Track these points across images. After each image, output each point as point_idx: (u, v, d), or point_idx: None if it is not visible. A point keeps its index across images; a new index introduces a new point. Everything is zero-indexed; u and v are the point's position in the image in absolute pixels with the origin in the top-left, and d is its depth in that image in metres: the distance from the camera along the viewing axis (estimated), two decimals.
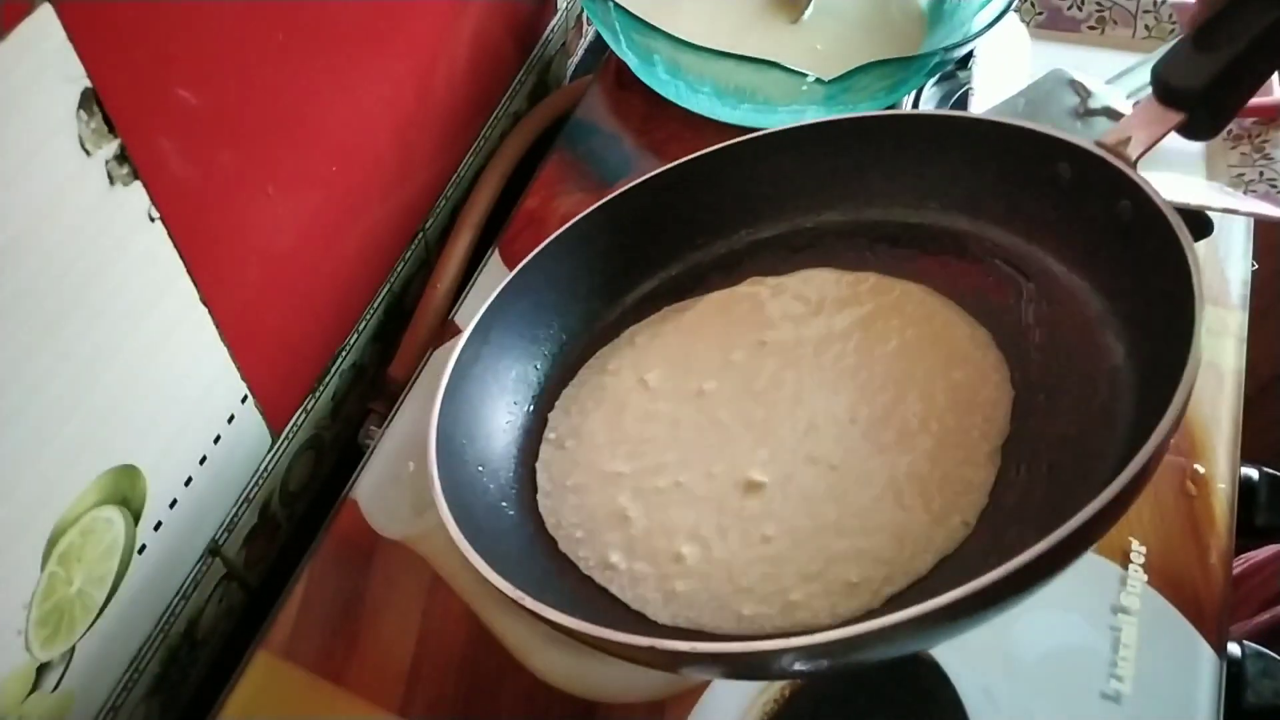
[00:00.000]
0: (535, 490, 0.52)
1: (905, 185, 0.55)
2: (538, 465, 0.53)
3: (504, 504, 0.51)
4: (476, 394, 0.53)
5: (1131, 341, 0.45)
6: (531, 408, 0.56)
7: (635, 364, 0.55)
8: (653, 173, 0.56)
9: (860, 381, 0.51)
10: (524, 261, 0.55)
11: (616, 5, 0.63)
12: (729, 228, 0.59)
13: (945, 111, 0.55)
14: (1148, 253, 0.43)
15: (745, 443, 0.50)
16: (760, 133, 0.56)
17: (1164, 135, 0.46)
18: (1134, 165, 0.45)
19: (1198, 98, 0.45)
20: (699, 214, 0.58)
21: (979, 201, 0.52)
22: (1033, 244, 0.50)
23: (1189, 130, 0.46)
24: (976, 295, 0.51)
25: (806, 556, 0.45)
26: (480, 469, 0.51)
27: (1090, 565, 0.56)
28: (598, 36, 0.91)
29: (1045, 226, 0.50)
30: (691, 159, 0.57)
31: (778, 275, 0.57)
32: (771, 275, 0.57)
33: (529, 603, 0.40)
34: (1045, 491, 0.43)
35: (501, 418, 0.54)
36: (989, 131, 0.51)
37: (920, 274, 0.53)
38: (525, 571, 0.46)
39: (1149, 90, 0.69)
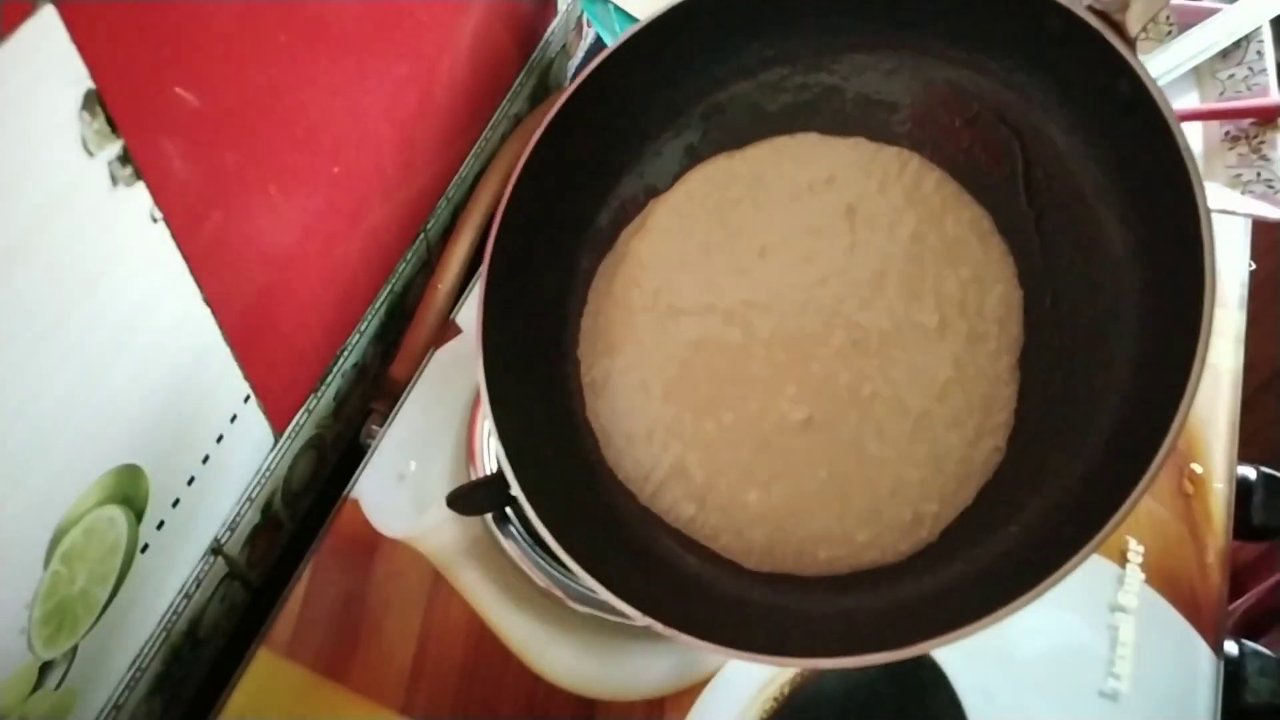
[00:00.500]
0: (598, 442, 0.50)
1: (880, 24, 0.48)
2: (589, 415, 0.50)
3: (580, 464, 0.49)
4: (516, 366, 0.49)
5: (1134, 231, 0.42)
6: (563, 348, 0.52)
7: (639, 280, 0.52)
8: (598, 59, 0.49)
9: (869, 283, 0.48)
10: (501, 211, 0.48)
11: (616, 7, 0.63)
12: (691, 100, 0.52)
13: None
14: (1145, 141, 0.40)
15: (778, 368, 0.48)
16: None
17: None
18: (1133, 44, 0.40)
19: None
20: (655, 91, 0.51)
21: (966, 43, 0.47)
22: (1022, 97, 0.46)
23: None
24: (969, 161, 0.48)
25: (862, 497, 0.45)
26: (548, 439, 0.49)
27: (1088, 564, 0.56)
28: (598, 38, 0.91)
29: (1038, 82, 0.45)
30: (626, 38, 0.49)
31: (755, 145, 0.52)
32: (748, 145, 0.52)
33: (667, 631, 0.40)
34: (1063, 408, 0.43)
35: (542, 370, 0.51)
36: None
37: (910, 135, 0.49)
38: (615, 543, 0.46)
39: None
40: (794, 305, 0.49)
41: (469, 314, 0.66)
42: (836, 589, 0.44)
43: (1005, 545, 0.42)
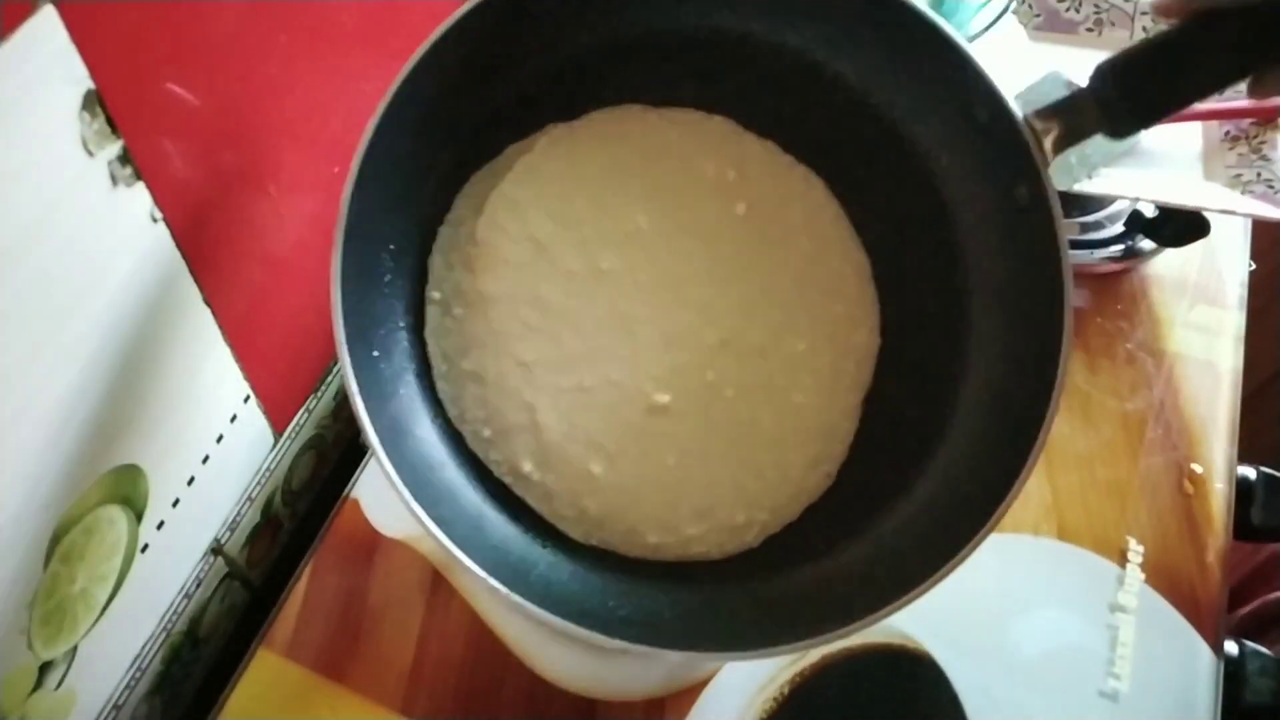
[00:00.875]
0: (430, 366, 0.48)
1: (833, 38, 0.47)
2: (427, 334, 0.48)
3: (402, 390, 0.46)
4: (365, 251, 0.45)
5: (995, 320, 0.45)
6: (414, 256, 0.48)
7: (515, 204, 0.49)
8: None
9: (751, 293, 0.49)
10: (393, 86, 0.43)
11: None
12: (614, 34, 0.48)
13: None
14: (1029, 252, 0.42)
15: (649, 346, 0.48)
16: None
17: (1085, 140, 0.43)
18: (1048, 162, 0.42)
19: (1131, 109, 0.42)
20: (585, 13, 0.48)
21: (894, 96, 0.47)
22: (926, 164, 0.47)
23: (1108, 133, 0.43)
24: (862, 202, 0.49)
25: (701, 492, 0.46)
26: (376, 353, 0.45)
27: (1088, 564, 0.57)
28: None
29: (947, 155, 0.46)
30: None
31: (670, 110, 0.50)
32: (663, 107, 0.50)
33: (487, 579, 0.39)
34: (888, 457, 0.46)
35: (383, 274, 0.47)
36: (927, 32, 0.44)
37: (819, 151, 0.50)
38: (438, 486, 0.45)
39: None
40: (672, 291, 0.48)
41: None
42: (654, 576, 0.45)
43: (819, 573, 0.44)
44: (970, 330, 0.45)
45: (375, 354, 0.45)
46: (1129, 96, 0.41)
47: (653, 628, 0.42)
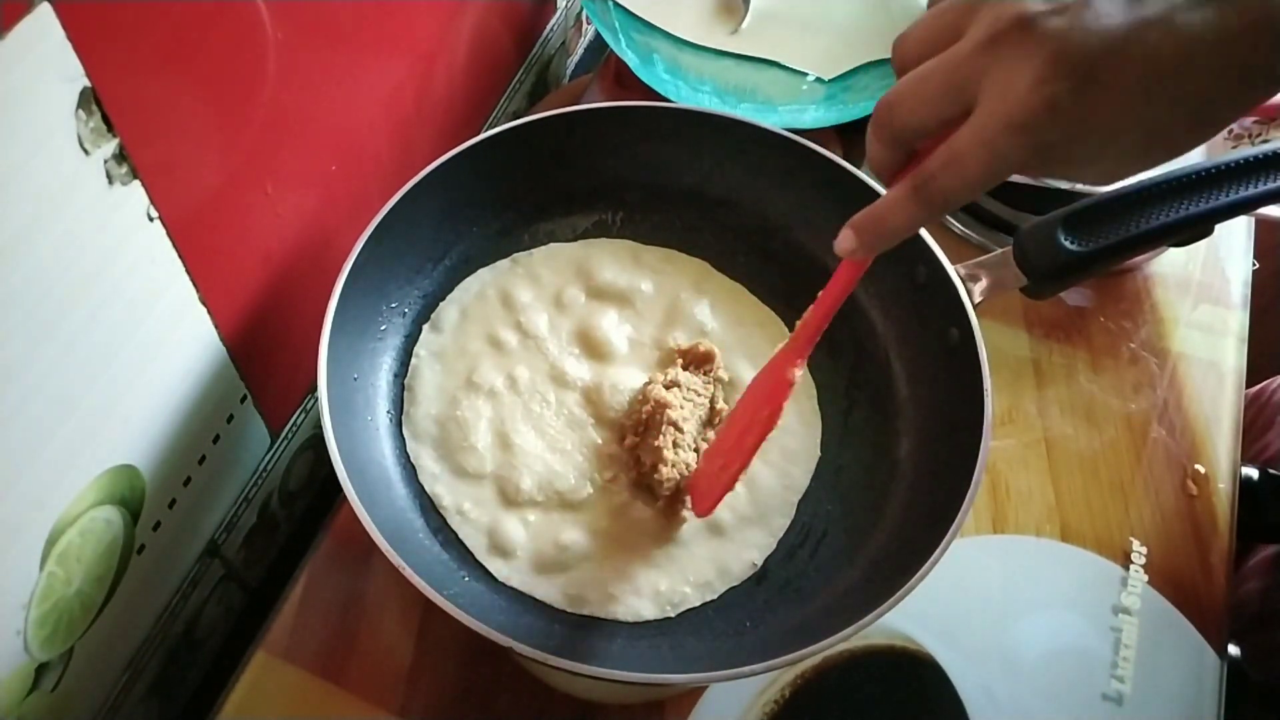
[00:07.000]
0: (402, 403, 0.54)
1: (798, 212, 0.58)
2: (406, 381, 0.55)
3: (369, 416, 0.52)
4: (367, 296, 0.53)
5: (917, 445, 0.52)
6: (412, 319, 0.57)
7: (509, 297, 0.57)
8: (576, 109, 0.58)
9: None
10: (433, 164, 0.55)
11: (616, 4, 0.63)
12: (622, 180, 0.60)
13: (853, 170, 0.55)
14: (958, 383, 0.49)
15: (594, 440, 0.53)
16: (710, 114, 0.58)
17: (1004, 292, 0.51)
18: (976, 306, 0.50)
19: (1046, 274, 0.49)
20: (596, 158, 0.59)
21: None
22: (869, 315, 0.56)
23: (1027, 292, 0.51)
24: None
25: (632, 560, 0.50)
26: (355, 378, 0.52)
27: (1091, 565, 0.56)
28: (597, 35, 0.91)
29: (887, 309, 0.56)
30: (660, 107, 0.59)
31: (656, 247, 0.60)
32: (652, 245, 0.60)
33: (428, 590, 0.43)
34: (811, 559, 0.51)
35: (379, 325, 0.55)
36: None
37: (778, 296, 0.59)
38: (394, 509, 0.49)
39: None
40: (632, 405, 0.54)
41: None
42: (571, 624, 0.49)
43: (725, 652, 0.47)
44: (891, 459, 0.52)
45: (355, 377, 0.52)
46: (1043, 261, 0.49)
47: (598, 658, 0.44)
